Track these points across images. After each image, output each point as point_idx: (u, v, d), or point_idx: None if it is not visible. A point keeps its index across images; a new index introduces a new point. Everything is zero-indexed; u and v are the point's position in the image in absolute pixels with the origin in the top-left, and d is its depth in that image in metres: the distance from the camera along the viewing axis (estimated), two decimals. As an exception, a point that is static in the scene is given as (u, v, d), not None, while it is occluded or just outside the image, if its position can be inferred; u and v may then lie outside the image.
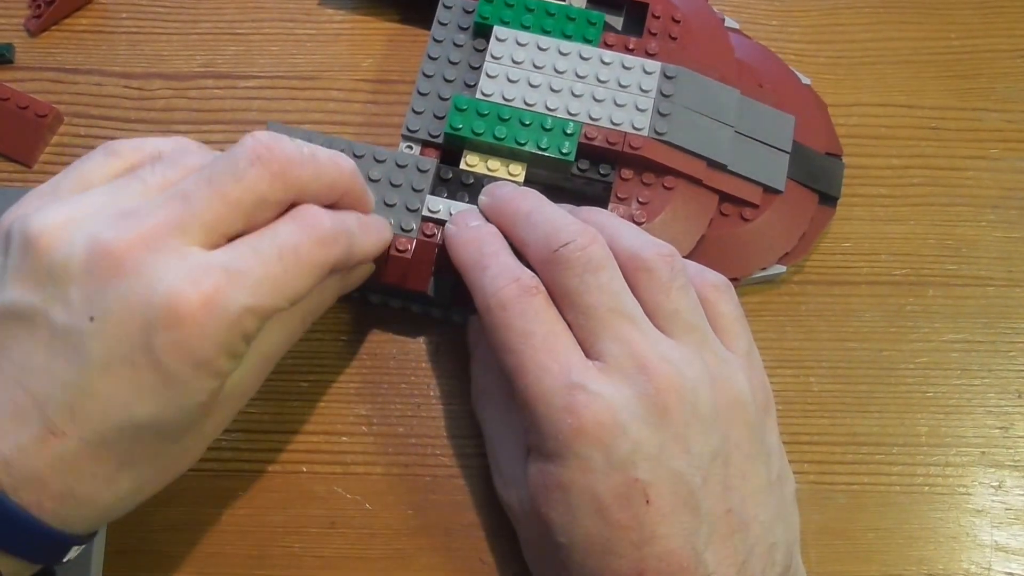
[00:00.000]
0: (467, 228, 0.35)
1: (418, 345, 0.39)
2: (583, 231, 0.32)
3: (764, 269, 0.40)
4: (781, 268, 0.40)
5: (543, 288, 0.32)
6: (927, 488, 0.38)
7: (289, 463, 0.37)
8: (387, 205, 0.36)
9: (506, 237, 0.34)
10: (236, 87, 0.43)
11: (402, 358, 0.39)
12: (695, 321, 0.32)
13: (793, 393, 0.39)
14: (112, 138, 0.41)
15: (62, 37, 0.44)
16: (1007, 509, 0.38)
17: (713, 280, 0.34)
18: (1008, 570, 0.37)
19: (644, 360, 0.30)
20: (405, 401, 0.38)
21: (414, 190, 0.37)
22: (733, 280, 0.38)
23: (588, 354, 0.31)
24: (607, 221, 0.34)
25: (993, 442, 0.39)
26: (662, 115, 0.39)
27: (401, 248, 0.36)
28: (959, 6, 0.47)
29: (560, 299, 0.32)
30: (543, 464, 0.31)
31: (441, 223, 0.36)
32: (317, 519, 0.36)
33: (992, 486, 0.38)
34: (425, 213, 0.36)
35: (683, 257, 0.33)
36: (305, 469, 0.37)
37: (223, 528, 0.36)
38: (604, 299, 0.31)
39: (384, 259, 0.36)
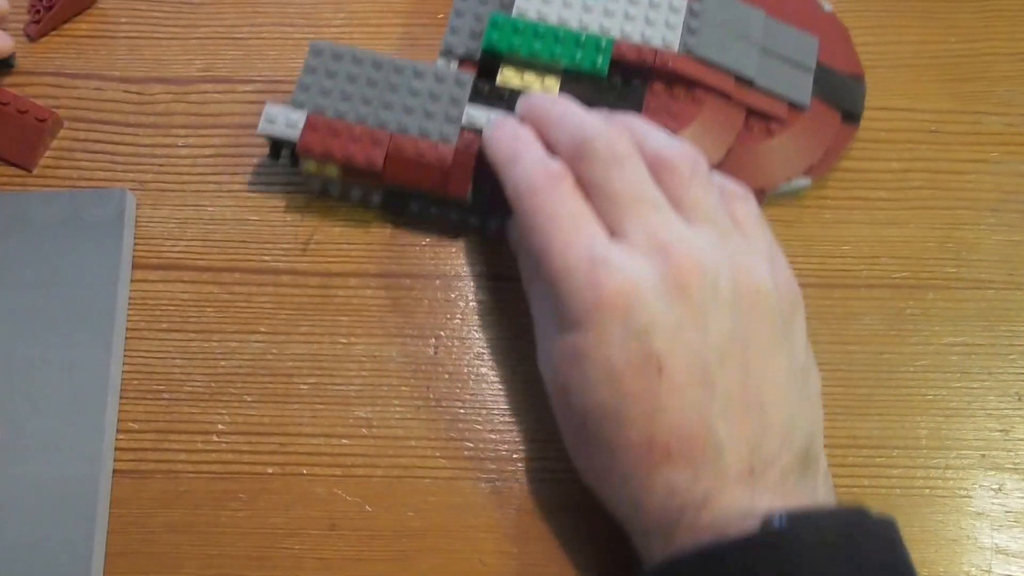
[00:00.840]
0: (502, 126, 0.36)
1: (417, 348, 0.39)
2: (610, 127, 0.33)
3: (789, 181, 0.41)
4: (806, 180, 0.41)
5: (571, 176, 0.33)
6: (927, 491, 0.38)
7: (289, 465, 0.37)
8: (428, 116, 0.38)
9: (540, 139, 0.35)
10: (235, 91, 0.43)
11: (401, 360, 0.39)
12: (716, 215, 0.33)
13: (793, 396, 0.39)
14: (111, 142, 0.42)
15: (62, 42, 0.44)
16: (1007, 512, 0.38)
17: (734, 188, 0.35)
18: (1008, 573, 0.37)
19: (665, 241, 0.31)
20: (405, 404, 0.38)
21: (453, 102, 0.39)
22: (760, 192, 0.40)
23: (611, 235, 0.32)
24: (637, 124, 0.35)
25: (993, 445, 0.39)
26: (691, 31, 0.40)
27: (442, 155, 0.38)
28: (959, 10, 0.47)
29: (587, 189, 0.33)
30: (565, 334, 0.32)
31: (480, 132, 0.38)
32: (317, 521, 0.36)
33: (992, 489, 0.38)
34: (464, 122, 0.38)
35: (713, 168, 0.36)
36: (305, 471, 0.37)
37: (223, 530, 0.36)
38: (627, 187, 0.32)
39: (426, 167, 0.38)
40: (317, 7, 0.45)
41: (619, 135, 0.33)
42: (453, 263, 0.41)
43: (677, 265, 0.31)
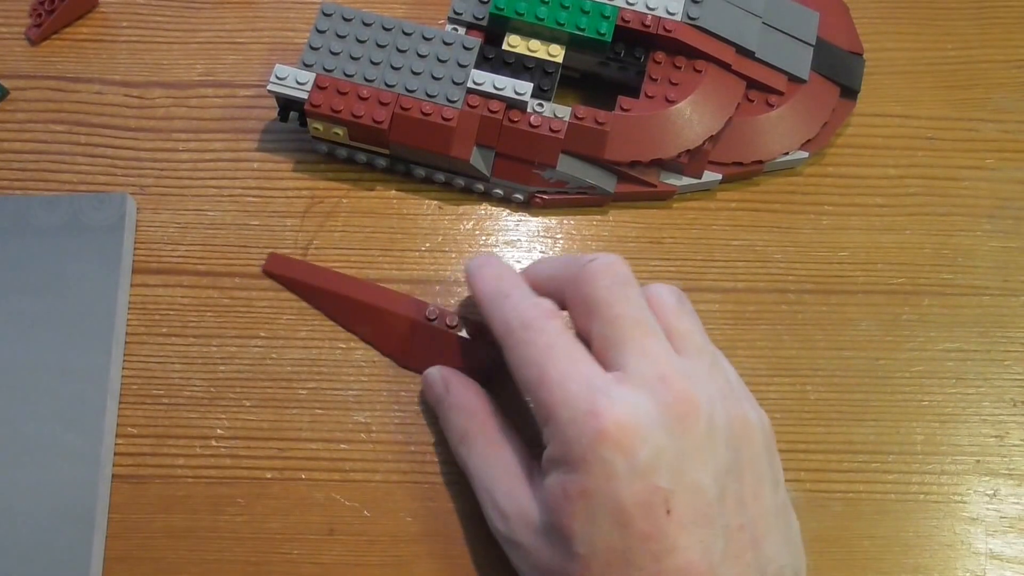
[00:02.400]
0: (487, 265, 0.36)
1: (416, 353, 0.39)
2: (607, 254, 0.33)
3: (787, 154, 0.42)
4: (803, 154, 0.42)
5: (562, 314, 0.33)
6: (922, 496, 0.38)
7: (288, 470, 0.37)
8: (434, 78, 0.39)
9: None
10: (236, 96, 0.44)
11: (400, 366, 0.39)
12: (705, 345, 0.33)
13: (790, 401, 0.39)
14: (112, 146, 0.42)
15: (63, 46, 0.44)
16: (1002, 517, 0.38)
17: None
18: (1003, 578, 0.37)
19: (664, 372, 0.30)
20: (404, 408, 0.38)
21: (460, 65, 0.40)
22: (757, 163, 0.42)
23: (607, 367, 0.31)
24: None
25: (988, 450, 0.39)
26: (695, 2, 0.41)
27: (447, 117, 0.39)
28: (956, 17, 0.47)
29: (586, 311, 0.32)
30: (563, 474, 0.30)
31: (485, 95, 0.39)
32: (316, 526, 0.36)
33: (987, 494, 0.38)
34: (470, 85, 0.39)
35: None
36: (304, 476, 0.37)
37: (222, 535, 0.36)
38: (630, 311, 0.32)
39: (431, 127, 0.39)
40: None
41: (618, 258, 0.33)
42: (453, 268, 0.41)
43: (677, 397, 0.30)
